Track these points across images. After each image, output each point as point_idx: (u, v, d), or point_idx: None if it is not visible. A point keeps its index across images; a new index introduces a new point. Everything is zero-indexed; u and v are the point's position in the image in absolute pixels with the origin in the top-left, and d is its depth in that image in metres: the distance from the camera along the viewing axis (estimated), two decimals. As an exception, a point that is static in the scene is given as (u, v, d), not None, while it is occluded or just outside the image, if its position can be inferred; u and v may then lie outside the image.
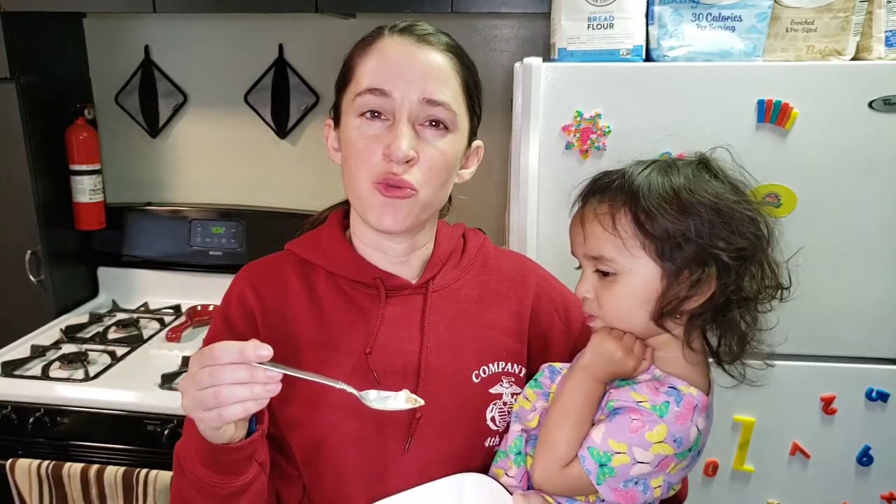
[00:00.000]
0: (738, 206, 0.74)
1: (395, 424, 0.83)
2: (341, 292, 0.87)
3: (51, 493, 1.45)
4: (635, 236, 0.74)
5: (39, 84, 1.78)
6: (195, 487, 0.76)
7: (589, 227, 0.77)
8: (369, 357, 0.84)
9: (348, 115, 0.82)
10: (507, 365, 0.89)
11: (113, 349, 1.69)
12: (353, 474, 0.83)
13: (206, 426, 0.70)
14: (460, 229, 0.96)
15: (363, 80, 0.80)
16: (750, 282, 0.74)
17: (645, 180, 0.75)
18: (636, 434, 0.73)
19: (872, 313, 1.33)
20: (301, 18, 1.88)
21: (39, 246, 1.81)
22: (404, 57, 0.79)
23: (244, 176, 2.05)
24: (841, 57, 1.30)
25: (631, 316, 0.76)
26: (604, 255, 0.76)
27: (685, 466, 0.77)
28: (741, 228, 0.74)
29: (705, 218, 0.72)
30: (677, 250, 0.73)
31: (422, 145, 0.79)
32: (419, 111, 0.79)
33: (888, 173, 1.27)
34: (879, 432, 1.38)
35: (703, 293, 0.74)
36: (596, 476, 0.73)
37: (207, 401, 0.67)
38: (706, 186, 0.74)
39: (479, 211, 1.85)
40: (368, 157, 0.79)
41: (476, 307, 0.90)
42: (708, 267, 0.72)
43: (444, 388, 0.84)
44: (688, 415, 0.74)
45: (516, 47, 1.89)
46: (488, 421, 0.86)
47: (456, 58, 0.83)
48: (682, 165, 0.77)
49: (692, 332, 0.77)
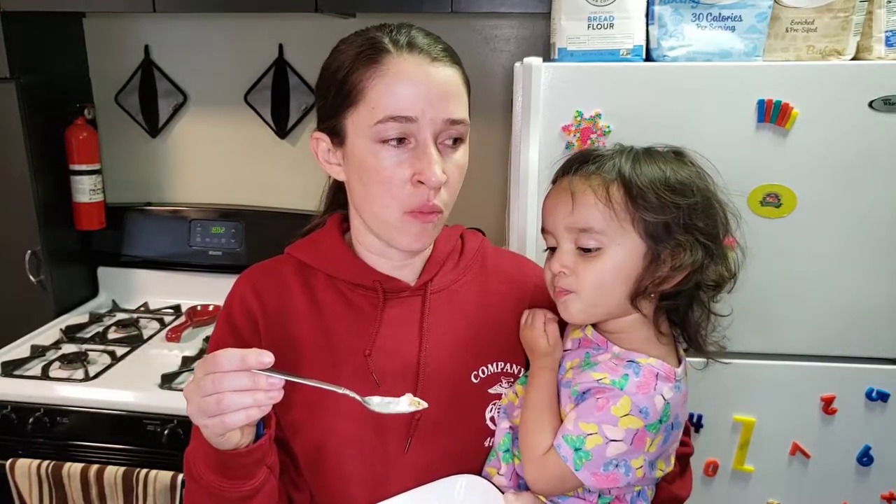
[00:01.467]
0: (714, 194, 0.79)
1: (394, 426, 0.83)
2: (340, 295, 0.88)
3: (51, 493, 1.45)
4: (626, 210, 0.75)
5: (39, 84, 1.78)
6: (206, 493, 0.76)
7: (580, 197, 0.77)
8: (368, 359, 0.84)
9: (361, 138, 0.78)
10: (506, 365, 0.89)
11: (113, 349, 1.69)
12: (355, 477, 0.83)
13: (210, 433, 0.71)
14: (458, 230, 0.96)
15: (383, 105, 0.76)
16: (717, 267, 0.77)
17: (635, 161, 0.77)
18: (602, 411, 0.74)
19: (872, 313, 1.33)
20: (301, 18, 1.89)
21: (39, 246, 1.81)
22: (423, 79, 0.76)
23: (244, 176, 2.05)
24: (841, 57, 1.30)
25: (610, 292, 0.77)
26: (593, 227, 0.76)
27: (662, 441, 0.77)
28: (716, 214, 0.78)
29: (691, 200, 0.75)
30: (663, 229, 0.75)
31: (446, 164, 0.79)
32: (441, 130, 0.78)
33: (888, 173, 1.27)
34: (880, 432, 1.38)
35: (679, 274, 0.76)
36: (573, 462, 0.74)
37: (211, 408, 0.67)
38: (688, 172, 0.78)
39: (479, 211, 1.85)
40: (398, 187, 0.78)
41: (475, 308, 0.90)
42: (689, 248, 0.75)
43: (443, 389, 0.85)
44: (649, 384, 0.75)
45: (516, 47, 1.89)
46: (487, 421, 0.87)
47: (458, 66, 0.81)
48: (663, 153, 0.80)
49: (660, 314, 0.79)
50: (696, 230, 0.75)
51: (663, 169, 0.77)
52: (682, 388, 0.79)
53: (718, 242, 0.78)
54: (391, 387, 0.84)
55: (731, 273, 0.79)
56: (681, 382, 0.79)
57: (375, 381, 0.83)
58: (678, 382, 0.78)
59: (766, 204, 1.29)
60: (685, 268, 0.75)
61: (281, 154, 2.03)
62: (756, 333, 1.34)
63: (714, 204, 0.78)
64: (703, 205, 0.76)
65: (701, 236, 0.76)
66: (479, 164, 0.90)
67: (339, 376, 0.84)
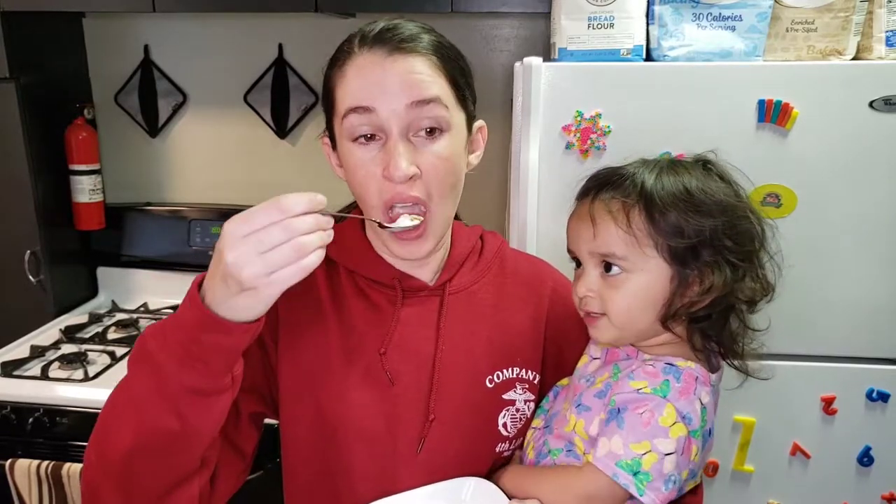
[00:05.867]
0: (744, 209, 0.75)
1: (407, 425, 0.82)
2: (359, 290, 0.87)
3: (50, 493, 1.45)
4: (649, 235, 0.73)
5: (39, 84, 1.78)
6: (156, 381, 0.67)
7: (601, 223, 0.75)
8: (383, 357, 0.83)
9: (341, 139, 0.79)
10: (522, 371, 0.88)
11: (112, 349, 1.69)
12: (362, 472, 0.82)
13: (259, 299, 0.64)
14: (478, 231, 0.95)
15: (344, 100, 0.77)
16: (751, 283, 0.74)
17: (657, 179, 0.74)
18: (650, 426, 0.71)
19: (872, 313, 1.33)
20: (301, 18, 1.88)
21: (39, 246, 1.81)
22: (378, 70, 0.75)
23: (244, 176, 2.05)
24: (841, 57, 1.30)
25: (639, 316, 0.76)
26: (615, 253, 0.74)
27: (700, 450, 0.75)
28: (747, 230, 0.74)
29: (717, 219, 0.72)
30: (689, 251, 0.72)
31: (421, 156, 0.77)
32: (410, 119, 0.76)
33: (888, 173, 1.27)
34: (880, 432, 1.38)
35: (710, 295, 0.73)
36: (636, 488, 0.71)
37: (287, 256, 0.62)
38: (715, 187, 0.74)
39: (479, 211, 1.85)
40: (371, 184, 0.77)
41: (492, 311, 0.89)
42: (717, 269, 0.72)
43: (458, 391, 0.84)
44: (690, 388, 0.73)
45: (516, 47, 1.89)
46: (500, 426, 0.86)
47: (435, 55, 0.78)
48: (689, 166, 0.77)
49: (694, 333, 0.76)
50: (726, 250, 0.72)
51: (687, 187, 0.73)
52: (716, 396, 0.77)
53: (751, 259, 0.74)
54: (405, 386, 0.83)
55: (767, 289, 0.76)
56: (715, 388, 0.77)
57: (389, 379, 0.83)
58: (713, 387, 0.77)
59: (766, 204, 1.29)
60: (715, 289, 0.73)
61: (281, 154, 2.03)
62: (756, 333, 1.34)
63: (745, 219, 0.74)
64: (731, 223, 0.73)
65: (731, 255, 0.72)
66: (479, 163, 0.90)
67: (353, 372, 0.83)
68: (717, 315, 0.75)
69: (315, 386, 0.84)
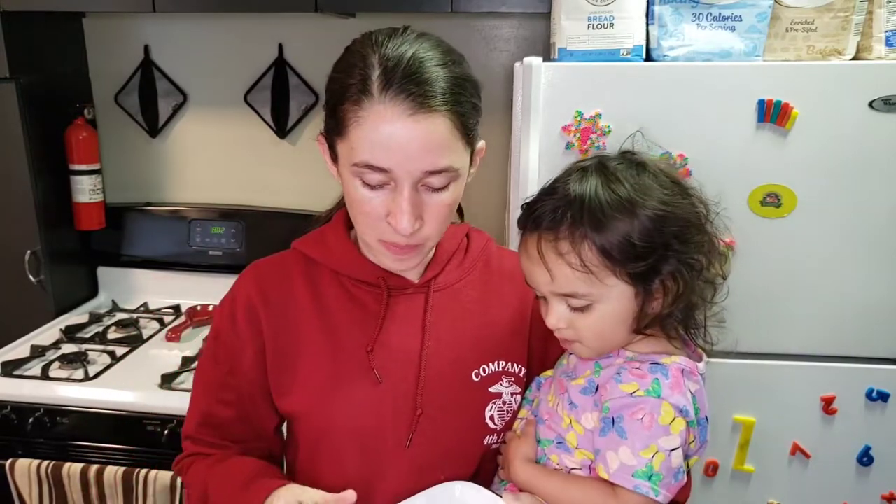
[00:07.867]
0: (686, 203, 0.75)
1: (395, 420, 0.84)
2: (345, 291, 0.88)
3: (51, 493, 1.45)
4: (605, 267, 0.73)
5: (39, 84, 1.78)
6: None
7: (555, 268, 0.74)
8: (370, 355, 0.85)
9: (345, 165, 0.77)
10: (508, 364, 0.89)
11: (113, 349, 1.69)
12: (353, 469, 0.85)
13: None
14: (464, 229, 0.96)
15: (360, 150, 0.74)
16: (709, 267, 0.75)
17: (594, 200, 0.72)
18: (651, 428, 0.72)
19: (872, 313, 1.33)
20: (301, 18, 1.88)
21: (39, 246, 1.81)
22: (401, 132, 0.71)
23: (244, 176, 2.05)
24: (841, 57, 1.30)
25: (612, 336, 0.78)
26: (577, 292, 0.74)
27: (695, 438, 0.77)
28: (692, 220, 0.75)
29: (667, 229, 0.72)
30: (648, 268, 0.73)
31: (426, 206, 0.76)
32: (422, 178, 0.74)
33: (888, 173, 1.27)
34: (880, 432, 1.38)
35: (676, 297, 0.74)
36: (653, 490, 0.72)
37: None
38: (655, 193, 0.74)
39: (479, 211, 1.84)
40: (374, 219, 0.77)
41: (478, 307, 0.90)
42: (678, 273, 0.73)
43: (444, 387, 0.85)
44: (679, 381, 0.75)
45: (516, 47, 1.89)
46: (487, 419, 0.87)
47: (453, 110, 0.73)
48: (620, 169, 0.75)
49: (668, 326, 0.77)
50: (682, 253, 0.73)
51: (630, 201, 0.72)
52: (703, 383, 0.79)
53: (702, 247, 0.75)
54: (393, 383, 0.84)
55: (720, 256, 0.77)
56: (700, 376, 0.78)
57: (377, 377, 0.84)
58: (700, 376, 0.78)
59: (766, 204, 1.29)
60: (680, 291, 0.74)
61: (281, 154, 2.03)
62: (756, 333, 1.34)
63: (686, 207, 0.75)
64: (675, 221, 0.73)
65: (685, 256, 0.73)
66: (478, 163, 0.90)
67: (341, 371, 0.85)
68: (686, 305, 0.76)
69: (304, 386, 0.85)
